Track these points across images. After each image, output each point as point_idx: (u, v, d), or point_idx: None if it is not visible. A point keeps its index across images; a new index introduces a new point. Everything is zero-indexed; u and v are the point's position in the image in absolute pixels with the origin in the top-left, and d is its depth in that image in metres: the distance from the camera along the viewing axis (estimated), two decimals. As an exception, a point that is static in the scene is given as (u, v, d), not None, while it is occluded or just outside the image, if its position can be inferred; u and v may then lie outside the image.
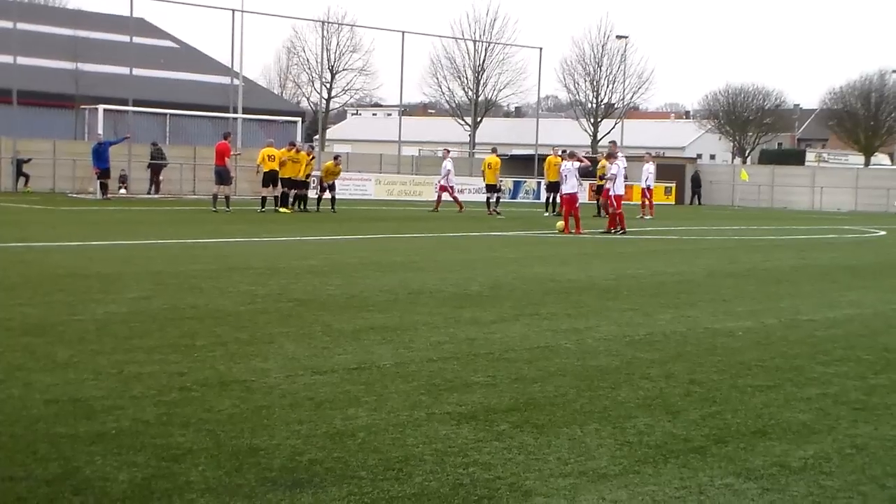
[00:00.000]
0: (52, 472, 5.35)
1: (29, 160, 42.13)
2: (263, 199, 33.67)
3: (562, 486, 5.43)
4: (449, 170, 37.72)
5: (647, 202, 39.12)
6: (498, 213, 36.63)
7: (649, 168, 39.91)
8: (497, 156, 39.13)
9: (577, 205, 27.34)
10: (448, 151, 39.11)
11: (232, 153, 33.83)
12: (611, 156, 28.86)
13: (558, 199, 37.28)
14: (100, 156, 38.12)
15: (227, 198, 32.66)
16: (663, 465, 5.87)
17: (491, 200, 37.80)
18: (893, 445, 6.51)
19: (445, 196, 37.71)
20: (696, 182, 62.76)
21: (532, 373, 8.29)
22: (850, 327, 11.52)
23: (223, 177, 32.70)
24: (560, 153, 38.34)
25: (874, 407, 7.58)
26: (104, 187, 38.48)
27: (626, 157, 31.45)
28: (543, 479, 5.53)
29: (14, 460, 5.53)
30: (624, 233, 27.06)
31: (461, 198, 50.32)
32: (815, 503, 5.35)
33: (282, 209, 32.98)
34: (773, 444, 6.41)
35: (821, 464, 6.03)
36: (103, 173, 38.44)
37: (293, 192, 33.80)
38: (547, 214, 36.63)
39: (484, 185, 38.87)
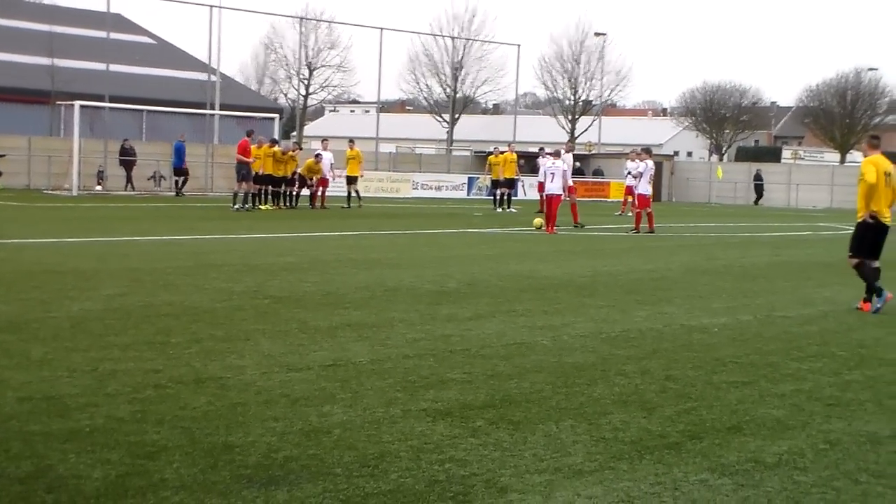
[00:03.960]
0: (24, 470, 5.32)
1: (3, 156, 41.83)
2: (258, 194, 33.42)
3: (537, 483, 5.44)
4: (332, 163, 36.49)
5: (630, 199, 39.12)
6: (359, 206, 35.84)
7: (636, 165, 39.95)
8: (355, 148, 37.55)
9: (559, 205, 26.98)
10: (327, 142, 37.59)
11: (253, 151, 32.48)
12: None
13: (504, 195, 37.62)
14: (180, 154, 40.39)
15: (246, 195, 31.79)
16: (638, 462, 5.90)
17: (351, 195, 36.57)
18: (866, 441, 6.56)
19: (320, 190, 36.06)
20: (759, 181, 59.51)
21: (508, 369, 8.31)
22: (825, 324, 11.59)
23: (244, 175, 31.79)
24: (511, 149, 38.80)
25: (848, 403, 7.63)
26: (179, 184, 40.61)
27: (606, 155, 31.35)
28: (519, 476, 5.54)
29: (-14, 458, 5.49)
30: (636, 232, 26.97)
31: (438, 195, 50.36)
32: (789, 498, 5.38)
33: (263, 206, 32.77)
34: (747, 440, 6.44)
35: (795, 459, 6.07)
36: (180, 171, 40.71)
37: (283, 188, 33.67)
38: (499, 210, 36.81)
39: (345, 177, 37.04)
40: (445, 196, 50.43)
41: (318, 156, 35.70)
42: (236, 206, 31.30)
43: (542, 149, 40.15)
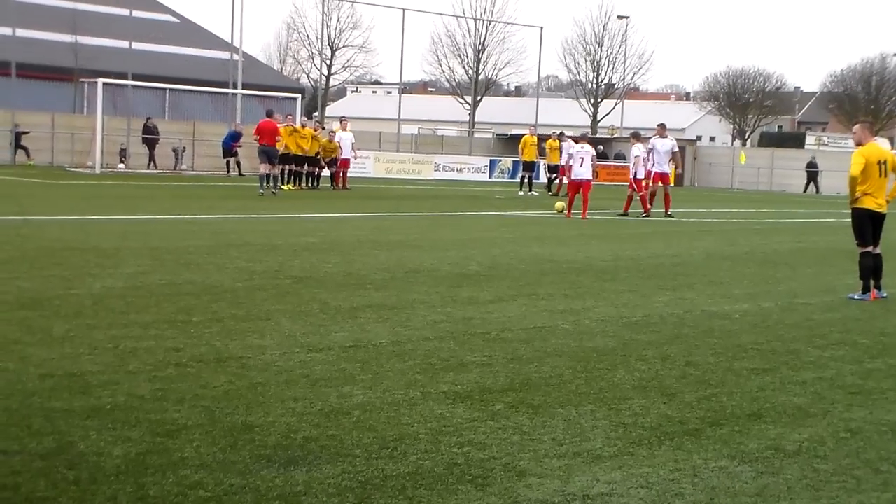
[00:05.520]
0: (46, 447, 5.35)
1: (27, 133, 41.99)
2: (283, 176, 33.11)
3: (556, 467, 5.43)
4: (353, 142, 35.54)
5: (648, 182, 38.86)
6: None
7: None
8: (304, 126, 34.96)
9: (590, 190, 26.14)
10: (346, 122, 36.32)
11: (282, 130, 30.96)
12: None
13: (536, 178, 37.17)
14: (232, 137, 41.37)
15: (274, 178, 29.72)
16: (658, 447, 5.88)
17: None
18: (888, 430, 6.53)
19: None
20: (814, 168, 57.95)
21: (528, 353, 8.30)
22: (847, 311, 11.53)
23: (269, 157, 29.42)
24: (533, 132, 38.52)
25: (870, 391, 7.59)
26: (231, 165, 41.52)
27: (628, 138, 30.75)
28: (538, 460, 5.53)
29: (8, 434, 5.53)
30: (625, 214, 26.87)
31: (459, 177, 50.32)
32: (809, 487, 5.36)
33: (284, 186, 32.63)
34: (767, 428, 6.42)
35: (815, 447, 6.04)
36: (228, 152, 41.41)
37: (305, 168, 33.46)
38: (521, 194, 36.49)
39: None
40: (467, 178, 50.39)
41: (331, 133, 35.54)
42: (274, 190, 29.11)
43: (562, 133, 40.02)
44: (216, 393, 6.56)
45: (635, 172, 27.97)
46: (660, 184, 27.52)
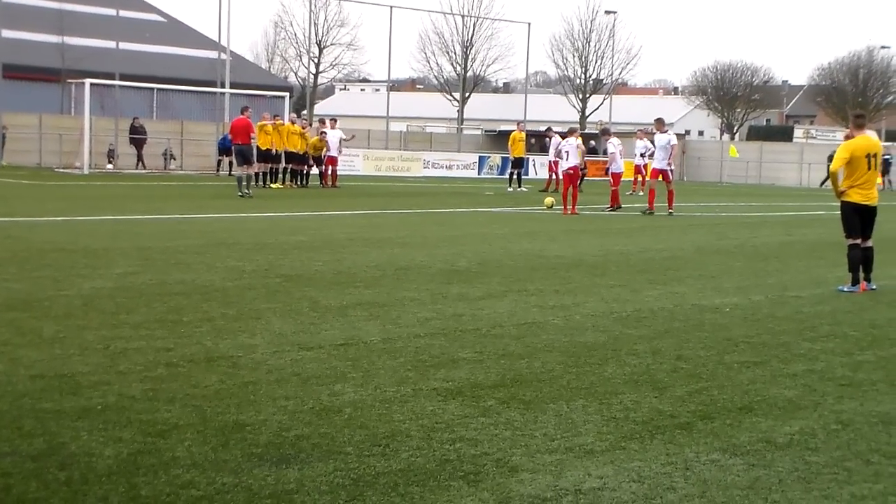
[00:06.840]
0: (37, 448, 5.34)
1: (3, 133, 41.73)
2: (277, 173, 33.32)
3: (548, 462, 5.44)
4: (343, 138, 35.89)
5: (640, 178, 38.89)
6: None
7: (645, 144, 39.46)
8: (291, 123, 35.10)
9: (578, 183, 26.02)
10: (335, 121, 36.58)
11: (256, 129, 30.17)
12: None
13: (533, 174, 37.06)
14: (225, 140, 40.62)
15: (248, 179, 28.35)
16: (650, 441, 5.89)
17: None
18: (878, 421, 6.54)
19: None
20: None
21: (519, 349, 8.30)
22: (837, 304, 11.56)
23: (246, 157, 28.45)
24: (522, 128, 38.49)
25: (860, 383, 7.61)
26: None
27: (617, 133, 30.73)
28: (530, 455, 5.54)
29: (-1, 436, 5.51)
30: (615, 209, 26.88)
31: (448, 174, 50.34)
32: (801, 479, 5.37)
33: (273, 185, 32.67)
34: (759, 420, 6.43)
35: (806, 440, 6.05)
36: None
37: (290, 167, 33.43)
38: (510, 190, 36.42)
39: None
40: (456, 175, 50.39)
41: (322, 133, 35.54)
42: (246, 191, 27.35)
43: (549, 128, 40.08)
44: (207, 392, 6.55)
45: (609, 167, 28.06)
46: (659, 179, 27.10)
